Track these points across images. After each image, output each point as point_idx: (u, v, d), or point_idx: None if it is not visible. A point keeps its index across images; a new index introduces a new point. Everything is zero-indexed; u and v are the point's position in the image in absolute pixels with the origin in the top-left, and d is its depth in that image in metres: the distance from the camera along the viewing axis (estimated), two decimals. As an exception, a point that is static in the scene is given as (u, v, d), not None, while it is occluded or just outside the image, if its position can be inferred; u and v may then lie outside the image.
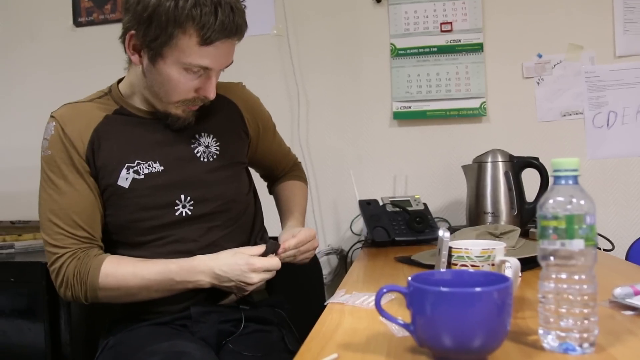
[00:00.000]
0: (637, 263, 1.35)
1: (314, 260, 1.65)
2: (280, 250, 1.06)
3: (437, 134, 1.93)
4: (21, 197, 2.16)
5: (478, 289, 0.60)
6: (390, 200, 1.71)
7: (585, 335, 0.65)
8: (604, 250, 1.60)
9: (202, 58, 1.00)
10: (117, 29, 1.09)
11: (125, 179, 1.07)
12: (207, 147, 1.14)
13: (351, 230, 1.90)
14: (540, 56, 1.88)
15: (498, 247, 0.79)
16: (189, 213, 1.10)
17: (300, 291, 1.47)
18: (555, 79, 1.87)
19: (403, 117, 1.93)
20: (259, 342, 1.09)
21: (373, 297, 0.96)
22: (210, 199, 1.12)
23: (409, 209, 1.67)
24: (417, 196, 1.75)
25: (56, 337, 1.56)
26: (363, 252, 1.53)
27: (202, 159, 1.13)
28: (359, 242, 1.85)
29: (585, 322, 0.64)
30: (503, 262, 0.79)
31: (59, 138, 1.06)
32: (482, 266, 0.82)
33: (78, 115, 1.09)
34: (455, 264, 0.84)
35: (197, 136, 1.14)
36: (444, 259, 0.80)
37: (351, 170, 1.81)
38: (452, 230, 1.61)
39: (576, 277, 0.65)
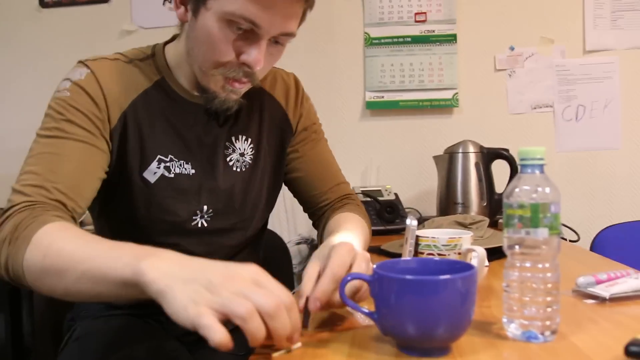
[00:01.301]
0: (601, 253, 1.38)
1: (284, 249, 1.64)
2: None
3: (409, 124, 1.93)
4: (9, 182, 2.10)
5: (442, 277, 0.59)
6: (362, 190, 1.71)
7: (547, 323, 0.65)
8: (570, 241, 1.63)
9: (248, 7, 0.80)
10: (85, 11, 1.03)
11: (153, 172, 0.93)
12: (241, 154, 1.01)
13: (322, 219, 1.89)
14: (512, 49, 1.89)
15: (465, 236, 0.79)
16: (205, 225, 0.98)
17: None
18: (527, 71, 1.88)
19: (376, 107, 1.93)
20: (237, 339, 1.04)
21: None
22: (230, 211, 1.00)
23: (380, 198, 1.67)
24: (388, 186, 1.75)
25: (17, 328, 1.52)
26: (333, 242, 1.52)
27: (234, 168, 1.01)
28: (330, 231, 1.85)
29: (548, 310, 0.65)
30: (469, 251, 0.79)
31: (91, 88, 0.87)
32: (449, 255, 0.82)
33: (118, 75, 0.91)
34: (422, 253, 0.84)
35: (233, 139, 1.00)
36: (411, 248, 0.79)
37: (323, 160, 1.79)
38: (422, 220, 1.62)
39: (540, 265, 0.65)
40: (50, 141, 0.84)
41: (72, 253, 0.67)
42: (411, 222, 0.80)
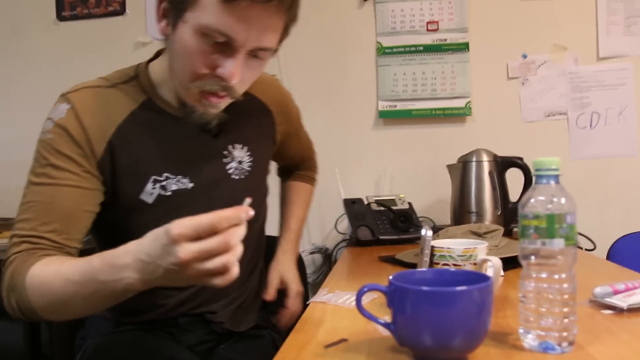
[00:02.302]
0: (617, 262, 1.36)
1: (298, 259, 1.64)
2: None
3: (422, 133, 1.93)
4: (3, 194, 2.14)
5: (458, 288, 0.59)
6: (375, 199, 1.71)
7: (564, 334, 0.65)
8: (586, 250, 1.61)
9: (222, 20, 0.79)
10: (101, 23, 1.05)
11: (150, 194, 0.93)
12: (239, 162, 1.03)
13: (336, 229, 1.89)
14: (525, 56, 1.89)
15: (480, 247, 0.79)
16: None
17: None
18: (540, 79, 1.88)
19: (389, 116, 1.93)
20: (251, 347, 1.04)
21: (355, 297, 0.96)
22: None
23: (394, 208, 1.67)
24: (401, 195, 1.75)
25: (35, 337, 1.54)
26: (347, 251, 1.52)
27: (233, 177, 1.02)
28: (343, 241, 1.85)
29: (565, 321, 0.65)
30: (485, 261, 0.79)
31: (72, 127, 0.87)
32: (464, 265, 0.82)
33: (99, 104, 0.91)
34: (438, 263, 0.84)
35: (230, 148, 1.02)
36: (426, 258, 0.80)
37: (336, 169, 1.80)
38: (436, 229, 1.62)
39: (556, 276, 0.65)
40: (38, 189, 0.86)
41: (60, 288, 0.75)
42: (426, 232, 0.80)
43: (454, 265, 0.82)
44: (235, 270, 0.64)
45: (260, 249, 1.16)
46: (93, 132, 0.89)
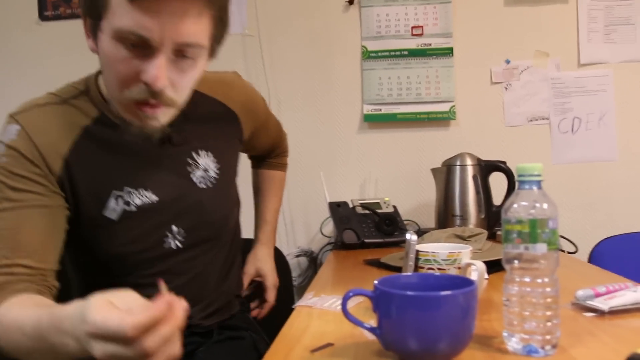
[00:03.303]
0: (599, 265, 1.39)
1: (284, 262, 1.64)
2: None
3: (406, 137, 1.94)
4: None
5: (443, 293, 0.60)
6: (360, 203, 1.72)
7: (547, 337, 0.66)
8: (568, 252, 1.63)
9: (133, 19, 0.75)
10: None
11: (113, 210, 0.90)
12: (205, 170, 0.99)
13: (321, 232, 1.90)
14: (508, 62, 1.91)
15: (464, 251, 0.80)
16: (179, 245, 0.96)
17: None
18: (523, 84, 1.90)
19: (374, 120, 1.94)
20: (231, 350, 1.04)
21: (340, 301, 0.96)
22: (202, 228, 0.99)
23: (379, 211, 1.67)
24: (386, 199, 1.76)
25: None
26: (332, 255, 1.53)
27: (200, 185, 0.98)
28: (329, 244, 1.85)
29: (548, 324, 0.66)
30: (469, 265, 0.79)
31: (24, 148, 0.84)
32: (449, 269, 0.83)
33: (50, 122, 0.88)
34: (422, 267, 0.84)
35: (194, 155, 0.98)
36: (411, 262, 0.80)
37: (321, 172, 1.81)
38: (421, 232, 1.63)
39: (539, 280, 0.66)
40: (2, 215, 0.82)
41: (19, 341, 0.70)
42: (411, 237, 0.81)
43: (439, 269, 0.82)
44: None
45: (236, 250, 1.14)
46: (47, 150, 0.85)
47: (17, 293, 0.77)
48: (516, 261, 0.67)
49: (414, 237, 0.80)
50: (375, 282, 0.65)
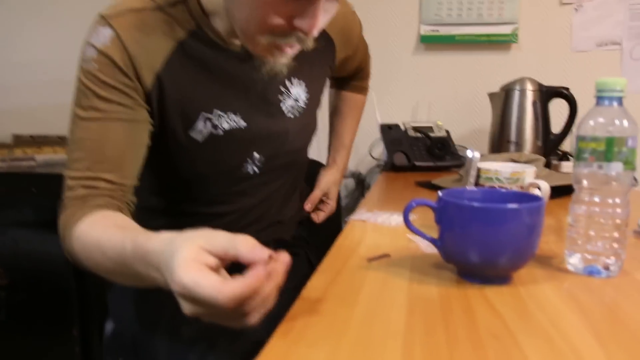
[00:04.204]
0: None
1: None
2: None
3: (464, 60, 1.86)
4: (40, 112, 2.17)
5: (510, 206, 0.59)
6: (412, 126, 1.69)
7: (611, 259, 0.64)
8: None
9: None
10: None
11: (199, 132, 0.86)
12: (296, 100, 0.95)
13: (370, 154, 1.88)
14: (581, -20, 1.77)
15: (528, 170, 0.77)
16: (256, 171, 0.95)
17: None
18: (596, 5, 1.77)
19: (430, 41, 1.86)
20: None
21: (395, 215, 0.97)
22: (282, 156, 0.97)
23: (431, 134, 1.64)
24: (439, 122, 1.72)
25: (88, 346, 1.63)
26: (382, 176, 1.52)
27: (288, 115, 0.95)
28: (377, 166, 1.85)
29: (615, 245, 0.64)
30: (533, 185, 0.77)
31: (118, 56, 0.78)
32: (511, 189, 0.81)
33: (145, 31, 0.80)
34: (483, 185, 0.83)
35: (287, 84, 0.94)
36: (472, 179, 0.78)
37: (373, 93, 1.76)
38: (473, 158, 1.59)
39: (610, 200, 0.64)
40: (88, 125, 0.78)
41: (101, 261, 0.67)
42: (473, 153, 0.79)
43: (500, 188, 0.80)
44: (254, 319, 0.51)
45: (301, 175, 1.14)
46: (140, 62, 0.80)
47: (98, 208, 0.75)
48: (586, 180, 0.65)
49: (477, 154, 0.77)
50: (440, 193, 0.64)
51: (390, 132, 1.65)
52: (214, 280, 0.47)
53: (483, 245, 0.59)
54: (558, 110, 1.56)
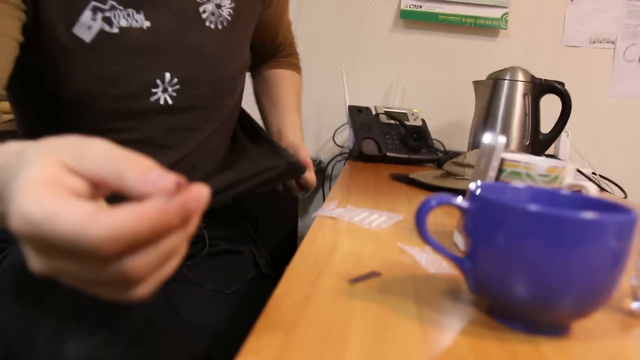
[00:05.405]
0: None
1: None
2: None
3: (446, 43, 1.65)
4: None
5: (596, 216, 0.37)
6: (385, 110, 1.47)
7: None
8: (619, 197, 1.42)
9: None
10: None
11: (87, 27, 0.65)
12: (217, 6, 0.76)
13: (334, 140, 1.65)
14: (579, -32, 1.60)
15: (569, 166, 0.56)
16: (169, 102, 0.73)
17: (267, 203, 1.21)
18: (593, -3, 1.60)
19: (411, 17, 1.64)
20: (227, 265, 0.81)
21: (376, 215, 0.74)
22: (202, 84, 0.76)
23: (407, 123, 1.43)
24: (415, 110, 1.51)
25: None
26: (348, 166, 1.29)
27: (207, 24, 0.75)
28: (340, 154, 1.62)
29: None
30: (574, 187, 0.56)
31: None
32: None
33: None
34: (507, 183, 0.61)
35: None
36: (492, 174, 0.57)
37: (343, 70, 1.54)
38: (451, 154, 1.39)
39: None
40: None
41: None
42: (497, 139, 0.57)
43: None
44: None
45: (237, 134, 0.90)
46: None
47: None
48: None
49: (502, 139, 0.56)
50: (471, 187, 0.41)
51: (359, 116, 1.42)
52: (81, 208, 0.27)
53: (543, 274, 0.37)
54: (546, 107, 1.39)
